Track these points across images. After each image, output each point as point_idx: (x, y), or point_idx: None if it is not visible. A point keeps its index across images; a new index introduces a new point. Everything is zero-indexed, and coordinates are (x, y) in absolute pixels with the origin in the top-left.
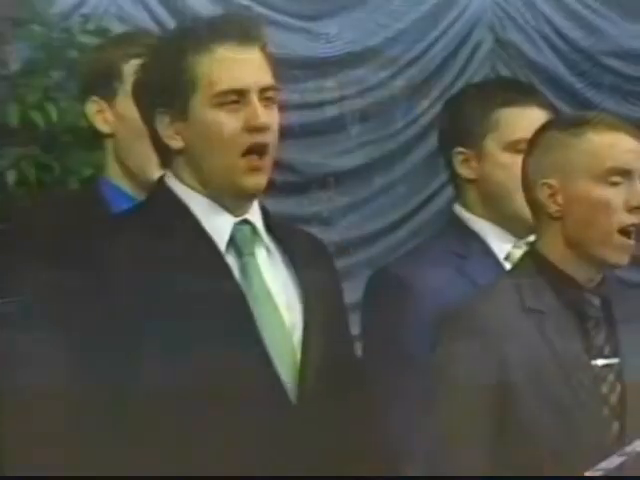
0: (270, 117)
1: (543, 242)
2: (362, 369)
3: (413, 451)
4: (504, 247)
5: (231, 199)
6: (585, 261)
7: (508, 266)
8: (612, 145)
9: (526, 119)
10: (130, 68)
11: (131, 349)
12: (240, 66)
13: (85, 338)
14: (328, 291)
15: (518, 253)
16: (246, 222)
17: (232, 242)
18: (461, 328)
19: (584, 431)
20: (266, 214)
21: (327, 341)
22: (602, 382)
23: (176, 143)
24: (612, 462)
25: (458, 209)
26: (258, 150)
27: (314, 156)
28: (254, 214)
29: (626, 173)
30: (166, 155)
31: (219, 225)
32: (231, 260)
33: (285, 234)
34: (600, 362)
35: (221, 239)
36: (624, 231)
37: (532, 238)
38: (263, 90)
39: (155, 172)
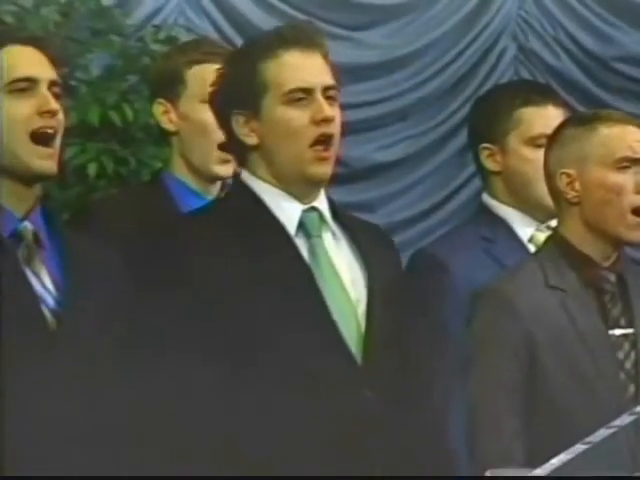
0: (333, 112)
1: (564, 226)
2: (419, 340)
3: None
4: (527, 231)
5: (300, 188)
6: (602, 241)
7: (531, 248)
8: (621, 137)
9: (544, 117)
10: (192, 73)
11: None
12: (305, 68)
13: (184, 320)
14: (389, 270)
15: (540, 236)
16: (314, 209)
17: (301, 227)
18: (494, 304)
19: (603, 395)
20: (332, 203)
21: (388, 314)
22: (619, 349)
23: (251, 140)
24: (624, 420)
25: (486, 197)
26: (324, 141)
27: (359, 151)
28: (321, 202)
29: (635, 161)
30: (242, 153)
31: (289, 212)
32: (300, 242)
33: (349, 221)
34: (617, 332)
35: (291, 224)
36: (636, 211)
37: (553, 222)
38: (326, 89)
39: (214, 167)
